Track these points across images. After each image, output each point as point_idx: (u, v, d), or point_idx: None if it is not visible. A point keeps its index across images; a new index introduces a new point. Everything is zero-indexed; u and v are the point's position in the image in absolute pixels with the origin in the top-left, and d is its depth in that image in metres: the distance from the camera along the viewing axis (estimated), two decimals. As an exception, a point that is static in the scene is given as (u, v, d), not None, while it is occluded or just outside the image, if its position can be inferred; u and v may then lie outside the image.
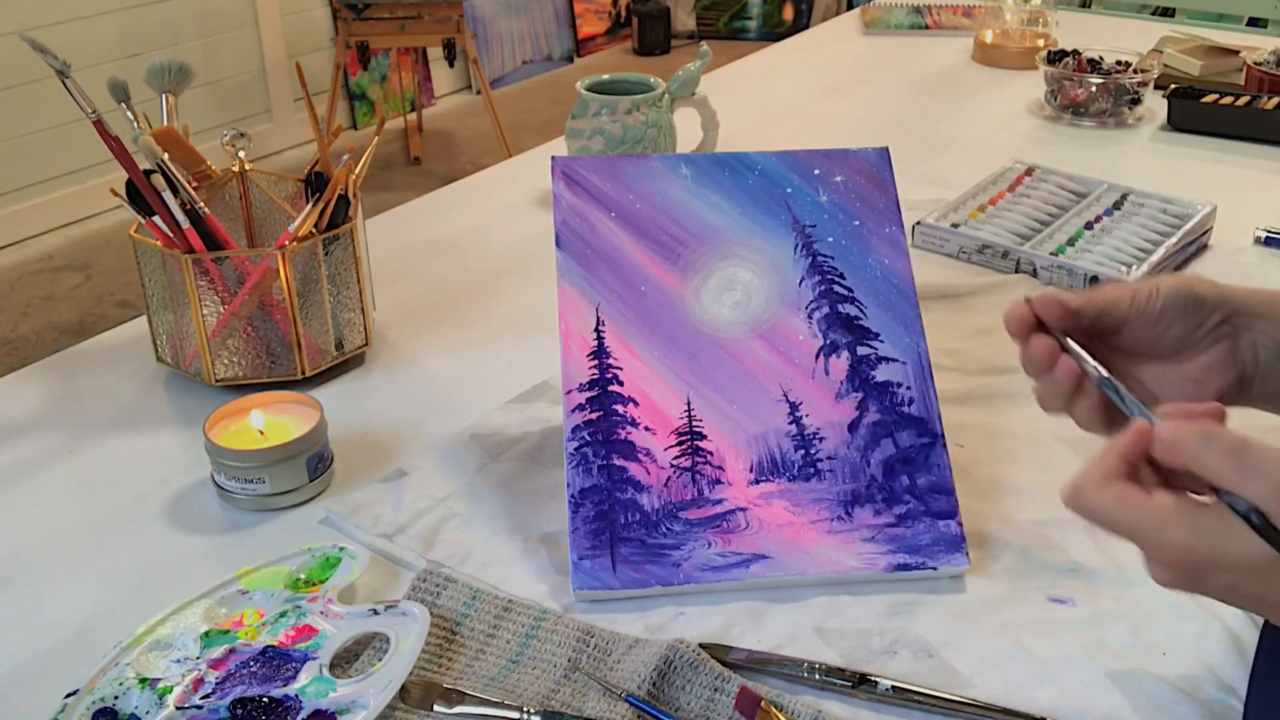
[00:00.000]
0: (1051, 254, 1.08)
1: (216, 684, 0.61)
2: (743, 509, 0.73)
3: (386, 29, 3.46)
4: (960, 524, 0.72)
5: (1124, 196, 1.18)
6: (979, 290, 1.06)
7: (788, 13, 5.14)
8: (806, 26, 4.76)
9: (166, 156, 0.85)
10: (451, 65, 3.85)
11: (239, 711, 0.60)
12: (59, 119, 3.19)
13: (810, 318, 0.78)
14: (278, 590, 0.68)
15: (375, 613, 0.66)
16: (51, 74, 0.80)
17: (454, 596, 0.69)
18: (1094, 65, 1.52)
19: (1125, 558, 0.73)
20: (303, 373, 0.91)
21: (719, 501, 0.73)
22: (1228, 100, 1.44)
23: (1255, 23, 2.37)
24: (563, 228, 0.79)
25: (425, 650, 0.65)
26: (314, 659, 0.63)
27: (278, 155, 3.80)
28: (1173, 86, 1.49)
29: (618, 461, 0.73)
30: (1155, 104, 1.51)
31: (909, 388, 0.76)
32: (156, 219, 0.86)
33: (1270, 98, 1.44)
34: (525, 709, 0.60)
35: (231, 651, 0.64)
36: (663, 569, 0.70)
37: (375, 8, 3.43)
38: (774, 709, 0.60)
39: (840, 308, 0.78)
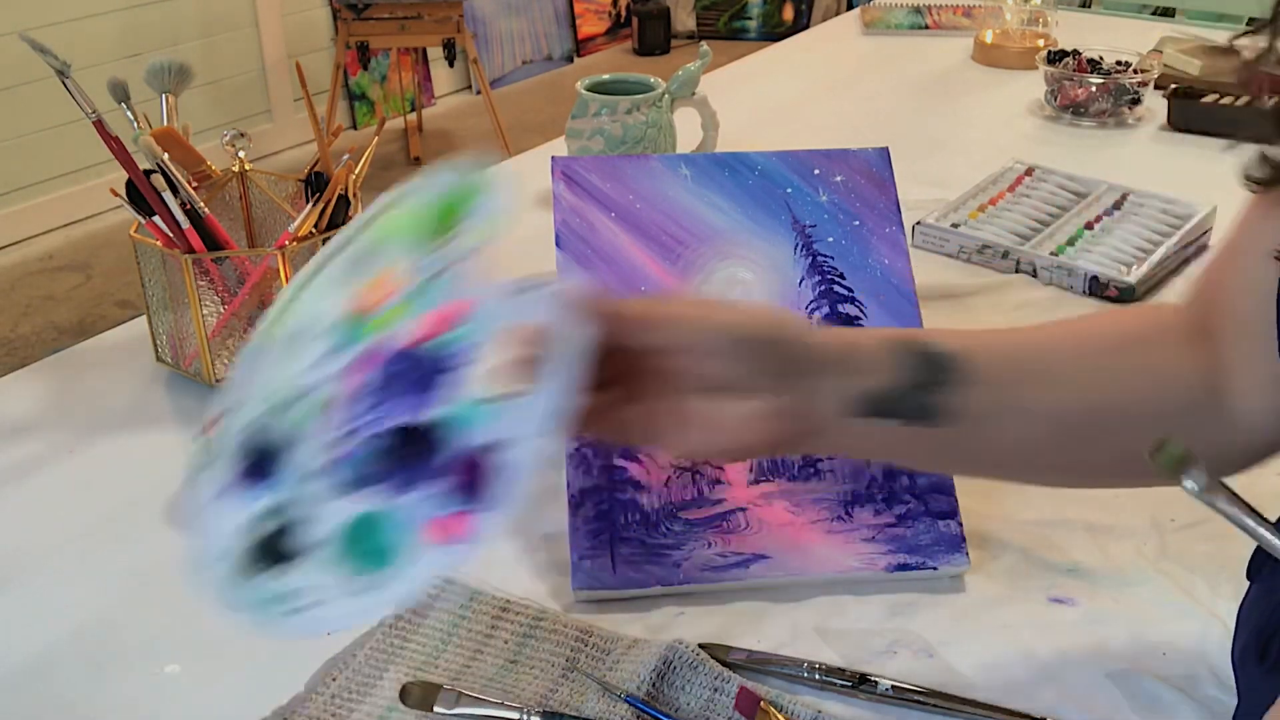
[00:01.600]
0: (1051, 254, 1.08)
1: (365, 409, 0.46)
2: (743, 509, 0.73)
3: (386, 29, 3.47)
4: (960, 524, 0.72)
5: (1124, 196, 1.18)
6: (979, 290, 1.06)
7: (788, 13, 5.14)
8: (806, 26, 4.76)
9: (166, 156, 0.85)
10: (451, 65, 3.85)
11: (387, 448, 0.46)
12: (59, 119, 3.19)
13: (810, 318, 0.78)
14: (416, 240, 0.51)
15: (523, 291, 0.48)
16: (51, 74, 0.80)
17: (452, 597, 0.69)
18: (1094, 65, 1.52)
19: (1125, 558, 0.73)
20: (303, 373, 0.91)
21: (719, 501, 0.73)
22: (1228, 100, 1.44)
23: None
24: (563, 228, 0.79)
25: (424, 651, 0.65)
26: (467, 365, 0.46)
27: (278, 155, 3.80)
28: (1173, 86, 1.49)
29: (618, 462, 0.73)
30: (1155, 104, 1.51)
31: (909, 388, 0.76)
32: (156, 219, 0.86)
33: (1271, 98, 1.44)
34: (525, 709, 0.60)
35: (371, 353, 0.48)
36: (663, 569, 0.70)
37: (375, 8, 3.43)
38: (774, 709, 0.60)
39: (840, 308, 0.78)
